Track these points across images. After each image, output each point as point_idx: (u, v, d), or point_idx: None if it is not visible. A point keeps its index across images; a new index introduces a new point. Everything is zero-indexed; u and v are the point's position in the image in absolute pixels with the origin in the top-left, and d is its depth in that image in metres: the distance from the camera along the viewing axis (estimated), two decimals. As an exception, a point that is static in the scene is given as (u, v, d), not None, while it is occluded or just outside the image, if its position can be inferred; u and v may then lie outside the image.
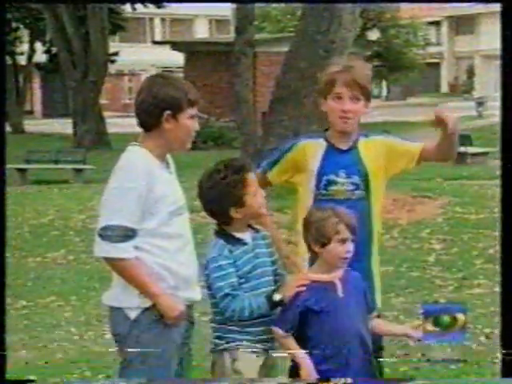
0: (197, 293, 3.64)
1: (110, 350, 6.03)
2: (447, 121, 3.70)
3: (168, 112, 3.48)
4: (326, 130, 3.97)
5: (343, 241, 3.55)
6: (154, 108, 3.48)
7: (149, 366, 3.50)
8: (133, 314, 3.50)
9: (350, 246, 3.57)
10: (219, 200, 3.60)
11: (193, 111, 3.54)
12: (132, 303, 3.50)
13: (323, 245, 3.56)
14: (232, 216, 3.62)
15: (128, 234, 3.40)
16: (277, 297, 3.57)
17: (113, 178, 3.49)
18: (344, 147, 3.88)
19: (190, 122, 3.54)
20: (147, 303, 3.48)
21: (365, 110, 3.88)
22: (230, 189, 3.58)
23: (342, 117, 3.83)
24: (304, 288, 3.54)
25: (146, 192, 3.42)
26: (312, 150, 3.89)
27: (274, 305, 3.58)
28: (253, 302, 3.55)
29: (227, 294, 3.55)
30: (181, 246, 3.55)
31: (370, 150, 3.89)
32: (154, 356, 3.51)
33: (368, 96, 3.86)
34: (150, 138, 3.53)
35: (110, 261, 3.44)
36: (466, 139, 22.42)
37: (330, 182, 3.84)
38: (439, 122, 3.73)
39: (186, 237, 3.60)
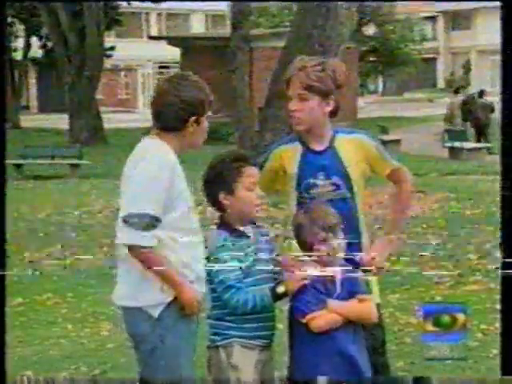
0: (204, 287, 3.64)
1: (106, 346, 6.07)
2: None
3: (194, 117, 3.51)
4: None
5: (324, 240, 3.58)
6: (183, 112, 3.49)
7: (177, 363, 3.49)
8: (156, 312, 3.46)
9: (335, 242, 3.59)
10: (212, 181, 3.67)
11: (209, 112, 3.60)
12: (153, 300, 3.46)
13: (309, 249, 3.62)
14: (221, 201, 3.65)
15: (153, 223, 3.39)
16: (281, 289, 3.58)
17: (138, 167, 3.45)
18: (320, 148, 3.87)
19: (206, 122, 3.59)
20: (169, 298, 3.46)
21: (322, 107, 3.83)
22: (224, 172, 3.64)
23: (290, 116, 3.86)
24: (308, 281, 3.56)
25: (169, 185, 3.43)
26: (288, 154, 3.89)
27: (277, 297, 3.59)
28: (256, 294, 3.56)
29: (231, 286, 3.55)
30: (197, 241, 3.56)
31: (349, 148, 3.87)
32: (183, 352, 3.50)
33: (324, 93, 3.80)
34: (171, 136, 3.54)
35: (135, 248, 3.40)
36: (461, 134, 22.45)
37: (311, 186, 3.84)
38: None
39: (200, 233, 3.61)
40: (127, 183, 3.48)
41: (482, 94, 23.93)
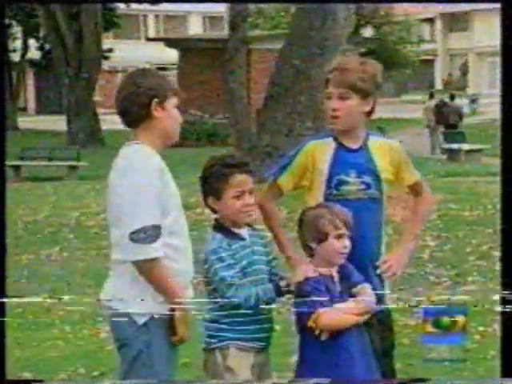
0: (191, 290, 3.64)
1: (104, 348, 6.06)
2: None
3: (156, 100, 3.48)
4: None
5: (340, 236, 3.57)
6: (143, 98, 3.47)
7: (162, 368, 3.48)
8: (141, 320, 3.45)
9: (347, 242, 3.59)
10: (203, 184, 3.69)
11: (176, 101, 3.56)
12: (141, 308, 3.44)
13: (320, 241, 3.58)
14: (210, 205, 3.66)
15: (158, 233, 3.37)
16: (283, 282, 3.59)
17: (126, 179, 3.40)
18: (353, 146, 3.87)
19: (175, 110, 3.57)
20: (160, 311, 3.44)
21: (362, 107, 3.86)
22: (212, 177, 3.63)
23: (330, 115, 3.85)
24: (311, 274, 3.56)
25: (162, 189, 3.42)
26: (321, 150, 3.86)
27: (280, 292, 3.59)
28: (259, 289, 3.56)
29: (232, 283, 3.54)
30: (188, 244, 3.55)
31: (381, 151, 3.89)
32: (168, 357, 3.50)
33: (364, 93, 3.83)
34: (144, 133, 3.51)
35: (147, 262, 3.36)
36: (459, 136, 22.50)
37: (341, 182, 3.82)
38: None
39: (189, 237, 3.60)
40: (119, 198, 3.41)
41: (452, 97, 25.10)
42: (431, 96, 26.67)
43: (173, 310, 3.45)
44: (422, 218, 4.15)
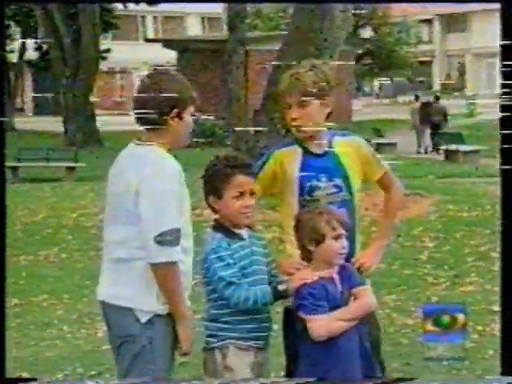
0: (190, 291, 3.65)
1: (102, 347, 6.06)
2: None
3: (175, 110, 3.50)
4: None
5: (337, 237, 3.57)
6: (163, 105, 3.48)
7: (165, 365, 3.51)
8: (144, 318, 3.46)
9: (345, 242, 3.59)
10: (204, 183, 3.70)
11: (192, 109, 3.58)
12: (146, 306, 3.46)
13: (318, 243, 3.58)
14: (210, 204, 3.67)
15: (179, 236, 3.40)
16: (282, 287, 3.58)
17: (148, 181, 3.39)
18: (319, 151, 3.89)
19: (190, 119, 3.58)
20: (164, 311, 3.46)
21: (321, 110, 3.88)
22: (213, 177, 3.65)
23: (292, 125, 3.89)
24: (310, 280, 3.55)
25: (180, 191, 3.45)
26: (289, 158, 3.90)
27: (278, 296, 3.59)
28: (258, 290, 3.56)
29: (231, 283, 3.55)
30: (191, 245, 3.57)
31: (347, 151, 3.90)
32: (167, 355, 3.51)
33: (322, 95, 3.85)
34: (158, 136, 3.52)
35: (168, 265, 3.38)
36: (457, 137, 22.53)
37: (313, 188, 3.86)
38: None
39: (192, 237, 3.62)
40: (141, 200, 3.40)
41: (437, 98, 25.90)
42: (416, 98, 27.50)
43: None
44: (393, 213, 4.12)
